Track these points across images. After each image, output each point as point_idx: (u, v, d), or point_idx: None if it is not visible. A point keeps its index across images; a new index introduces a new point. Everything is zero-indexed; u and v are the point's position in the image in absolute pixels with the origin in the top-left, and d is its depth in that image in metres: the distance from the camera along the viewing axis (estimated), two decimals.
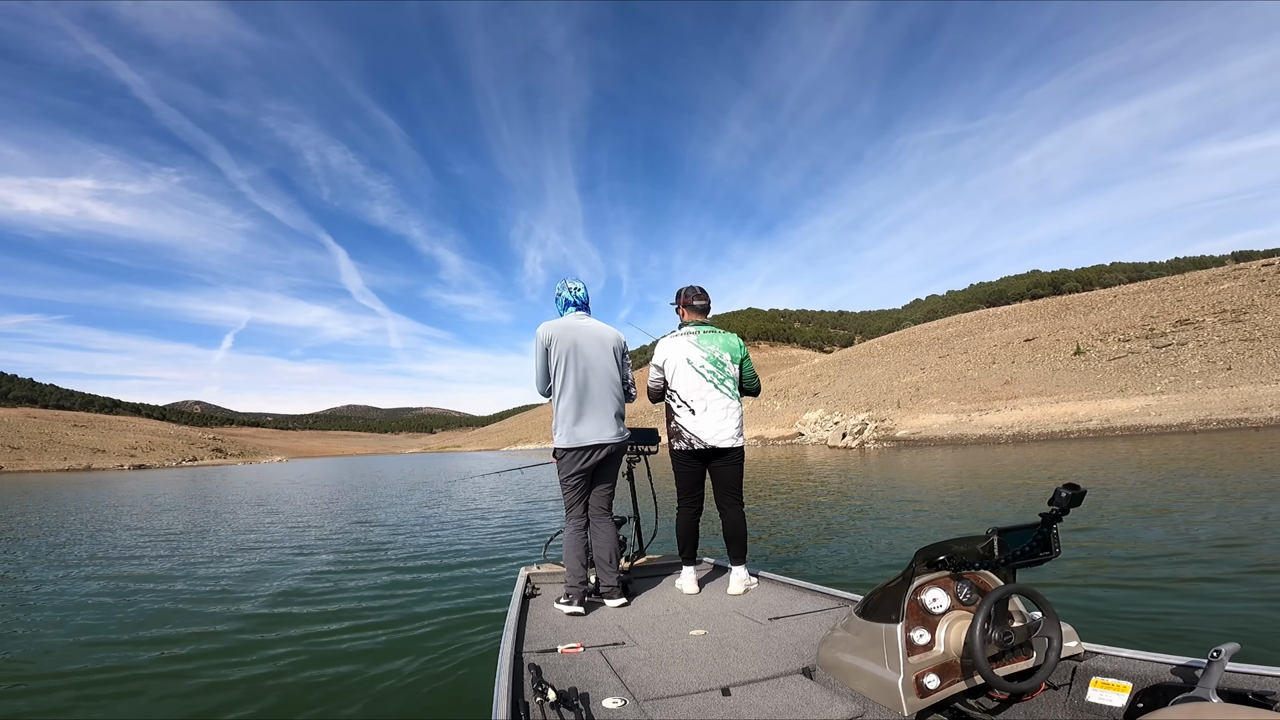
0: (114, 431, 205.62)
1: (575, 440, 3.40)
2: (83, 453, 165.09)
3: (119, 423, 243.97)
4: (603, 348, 3.53)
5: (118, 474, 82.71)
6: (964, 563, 1.99)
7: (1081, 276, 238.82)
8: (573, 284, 3.67)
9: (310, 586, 6.69)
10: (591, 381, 3.46)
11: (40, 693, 4.02)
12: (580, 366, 3.45)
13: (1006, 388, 45.29)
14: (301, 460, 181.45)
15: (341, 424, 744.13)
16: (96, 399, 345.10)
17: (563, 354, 3.44)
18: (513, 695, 2.03)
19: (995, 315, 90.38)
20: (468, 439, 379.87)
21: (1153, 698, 1.81)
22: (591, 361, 3.48)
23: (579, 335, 3.49)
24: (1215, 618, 4.15)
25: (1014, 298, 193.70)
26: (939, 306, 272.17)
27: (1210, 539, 6.32)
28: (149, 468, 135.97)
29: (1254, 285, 52.21)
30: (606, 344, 3.55)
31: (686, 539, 3.67)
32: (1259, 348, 38.36)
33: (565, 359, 3.43)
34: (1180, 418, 28.58)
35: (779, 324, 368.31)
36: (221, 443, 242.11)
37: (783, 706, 1.97)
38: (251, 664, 4.31)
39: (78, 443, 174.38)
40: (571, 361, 3.44)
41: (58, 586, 7.26)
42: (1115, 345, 48.64)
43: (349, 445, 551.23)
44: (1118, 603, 4.60)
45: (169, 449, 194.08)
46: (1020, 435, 31.60)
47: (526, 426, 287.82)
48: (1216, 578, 4.99)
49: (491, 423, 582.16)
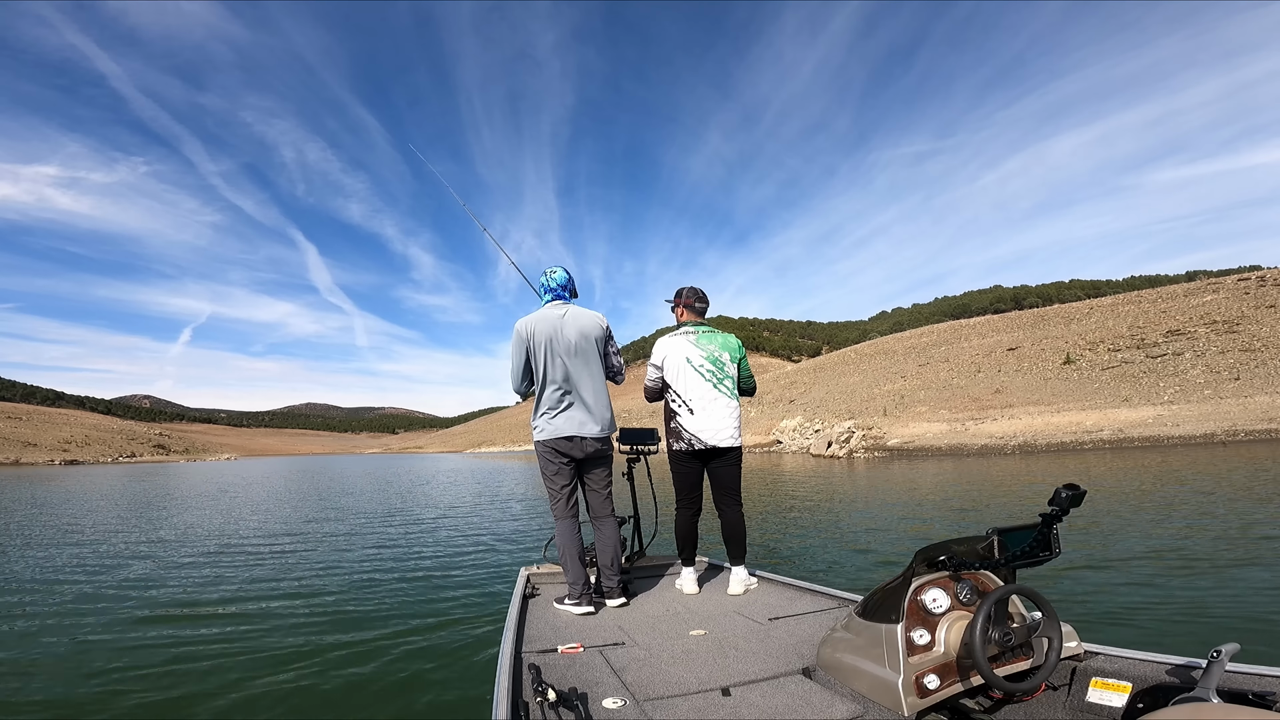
0: (50, 424, 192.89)
1: (554, 433, 3.31)
2: (12, 446, 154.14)
3: (58, 415, 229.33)
4: (584, 337, 3.37)
5: (47, 469, 79.49)
6: (964, 563, 1.98)
7: (1042, 292, 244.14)
8: (551, 270, 3.54)
9: (310, 587, 6.58)
10: (573, 373, 3.33)
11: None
12: (560, 358, 3.32)
13: (998, 396, 43.41)
14: (252, 459, 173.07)
15: (300, 422, 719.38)
16: (39, 390, 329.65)
17: (542, 345, 3.30)
18: (513, 695, 2.02)
19: (970, 326, 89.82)
20: (430, 440, 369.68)
21: (1153, 698, 1.81)
22: (573, 352, 3.33)
23: (559, 325, 3.34)
24: (1216, 617, 4.19)
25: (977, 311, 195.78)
26: (905, 319, 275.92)
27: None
28: (82, 463, 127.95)
29: (1238, 298, 52.09)
30: (589, 334, 3.39)
31: (686, 539, 3.63)
32: (1263, 358, 37.55)
33: (545, 350, 3.30)
34: (1201, 428, 27.01)
35: (749, 332, 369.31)
36: (167, 439, 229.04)
37: (783, 706, 1.96)
38: (249, 665, 4.21)
39: (9, 435, 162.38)
40: (551, 353, 3.31)
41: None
42: (1106, 355, 47.47)
43: (306, 444, 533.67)
44: (1118, 602, 4.65)
45: (107, 444, 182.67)
46: (1027, 445, 29.45)
47: (492, 429, 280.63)
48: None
49: (456, 424, 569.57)
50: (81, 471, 61.51)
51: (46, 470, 71.83)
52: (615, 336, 3.60)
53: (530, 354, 3.33)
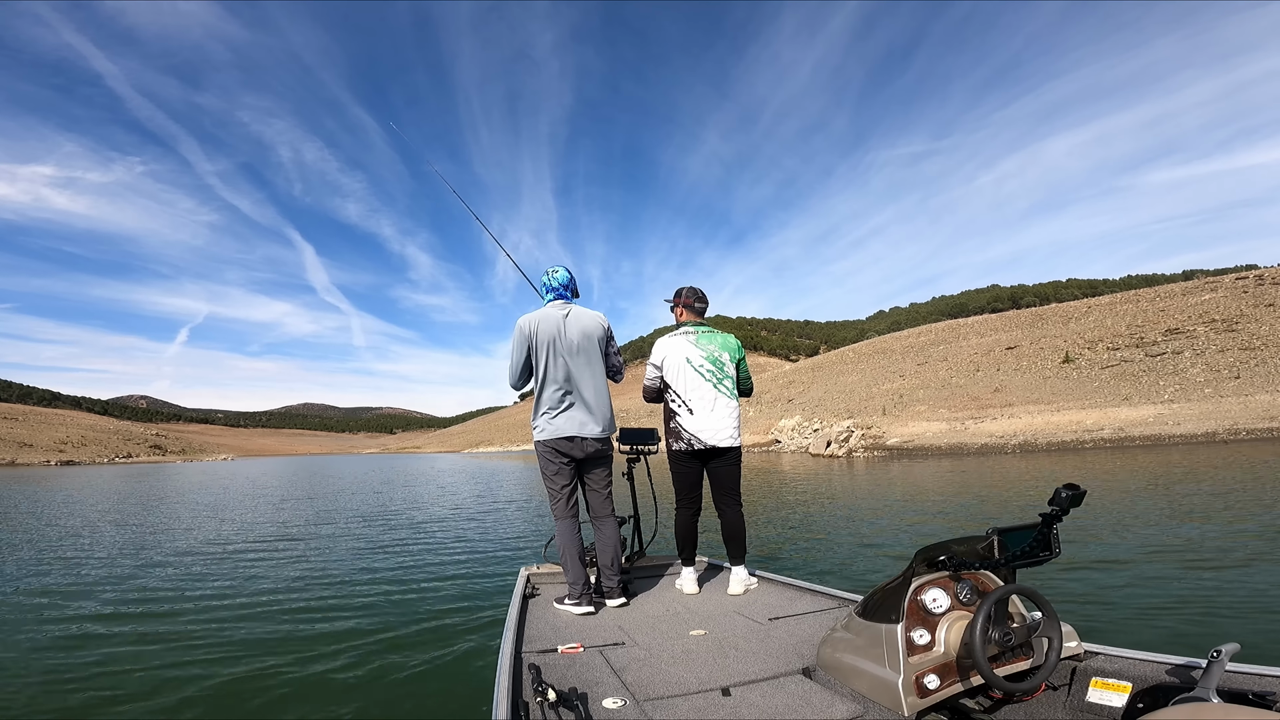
0: (46, 425, 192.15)
1: (554, 433, 3.30)
2: (7, 446, 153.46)
3: (54, 416, 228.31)
4: (586, 337, 3.37)
5: (43, 469, 79.54)
6: (964, 563, 1.98)
7: (1039, 292, 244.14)
8: (553, 270, 3.55)
9: (308, 588, 6.53)
10: (575, 372, 3.33)
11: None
12: (562, 357, 3.31)
13: (998, 395, 43.33)
14: (249, 459, 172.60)
15: (297, 422, 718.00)
16: (35, 391, 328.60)
17: (544, 345, 3.30)
18: (513, 695, 2.02)
19: (968, 325, 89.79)
20: (428, 440, 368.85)
21: (1153, 698, 1.81)
22: (574, 351, 3.33)
23: (562, 325, 3.34)
24: (1216, 617, 4.18)
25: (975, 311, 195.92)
26: (902, 318, 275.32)
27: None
28: (78, 464, 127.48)
29: (1236, 297, 52.01)
30: (591, 334, 3.39)
31: (685, 539, 3.63)
32: (1263, 356, 37.47)
33: (547, 350, 3.30)
34: (1203, 427, 26.91)
35: (746, 332, 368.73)
36: (164, 439, 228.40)
37: (783, 706, 1.96)
38: (249, 665, 4.19)
39: (4, 436, 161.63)
40: (552, 352, 3.31)
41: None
42: (1105, 354, 47.41)
43: (303, 444, 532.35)
44: (1118, 602, 4.64)
45: (103, 445, 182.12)
46: (1027, 444, 29.38)
47: (490, 429, 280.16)
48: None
49: (454, 424, 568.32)
50: (77, 472, 61.51)
51: (42, 471, 71.67)
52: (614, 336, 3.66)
53: (532, 352, 3.32)
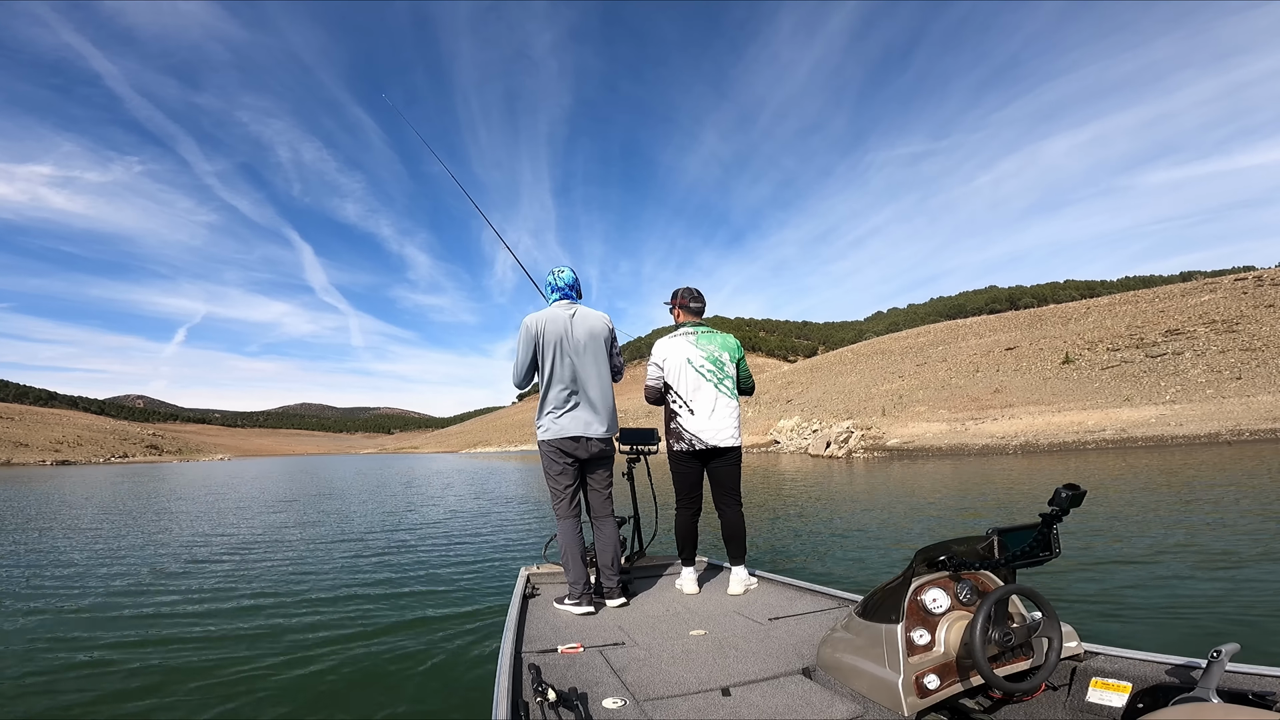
0: (41, 425, 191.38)
1: (559, 432, 3.28)
2: (3, 446, 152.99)
3: (50, 415, 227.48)
4: (593, 337, 3.37)
5: (38, 469, 79.33)
6: (964, 563, 1.98)
7: (1037, 293, 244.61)
8: (559, 270, 3.53)
9: (306, 588, 6.47)
10: (581, 373, 3.32)
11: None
12: (568, 357, 3.30)
13: (998, 396, 43.13)
14: (246, 459, 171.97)
15: (294, 422, 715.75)
16: (31, 390, 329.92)
17: (551, 344, 3.29)
18: (513, 695, 2.02)
19: (967, 326, 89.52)
20: (426, 440, 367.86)
21: (1153, 698, 1.81)
22: (580, 351, 3.32)
23: (568, 325, 3.34)
24: (1216, 617, 4.15)
25: (973, 311, 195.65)
26: (900, 319, 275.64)
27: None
28: (74, 464, 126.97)
29: (1236, 297, 51.80)
30: (597, 334, 3.40)
31: (686, 539, 3.63)
32: (1264, 357, 37.20)
33: (554, 349, 3.29)
34: (1205, 428, 26.64)
35: (745, 332, 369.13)
36: (160, 439, 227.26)
37: (783, 707, 1.95)
38: (248, 665, 4.17)
39: (0, 435, 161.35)
40: (559, 352, 3.30)
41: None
42: (1105, 354, 47.19)
43: (301, 445, 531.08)
44: (1118, 602, 4.61)
45: (99, 444, 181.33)
46: (1029, 445, 29.13)
47: (487, 429, 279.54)
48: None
49: (451, 424, 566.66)
50: (72, 472, 61.09)
51: (37, 470, 71.37)
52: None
53: (538, 351, 3.30)
